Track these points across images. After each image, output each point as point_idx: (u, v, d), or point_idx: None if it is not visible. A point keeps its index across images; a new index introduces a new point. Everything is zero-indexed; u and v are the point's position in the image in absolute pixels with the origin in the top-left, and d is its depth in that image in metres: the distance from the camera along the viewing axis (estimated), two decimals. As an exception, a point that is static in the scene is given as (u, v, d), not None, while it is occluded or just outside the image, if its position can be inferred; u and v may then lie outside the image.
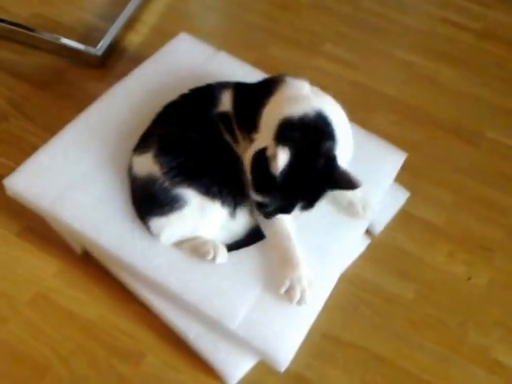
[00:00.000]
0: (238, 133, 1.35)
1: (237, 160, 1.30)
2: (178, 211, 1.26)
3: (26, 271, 1.43)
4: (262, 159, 1.20)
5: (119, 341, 1.33)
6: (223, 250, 1.27)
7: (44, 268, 1.43)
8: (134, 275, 1.31)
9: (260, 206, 1.25)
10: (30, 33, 1.97)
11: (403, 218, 1.59)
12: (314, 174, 1.18)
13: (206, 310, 1.23)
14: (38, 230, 1.48)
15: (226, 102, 1.39)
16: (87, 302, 1.38)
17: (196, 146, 1.31)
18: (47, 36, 1.97)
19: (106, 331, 1.34)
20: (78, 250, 1.45)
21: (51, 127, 1.48)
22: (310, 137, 1.20)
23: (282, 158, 1.14)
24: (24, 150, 1.54)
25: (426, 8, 2.35)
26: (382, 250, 1.54)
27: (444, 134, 1.86)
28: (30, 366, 1.28)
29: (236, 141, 1.35)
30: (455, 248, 1.57)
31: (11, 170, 1.37)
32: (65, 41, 1.95)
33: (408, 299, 1.46)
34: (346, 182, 1.20)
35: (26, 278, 1.41)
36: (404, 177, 1.55)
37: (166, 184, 1.26)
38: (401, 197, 1.61)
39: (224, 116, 1.36)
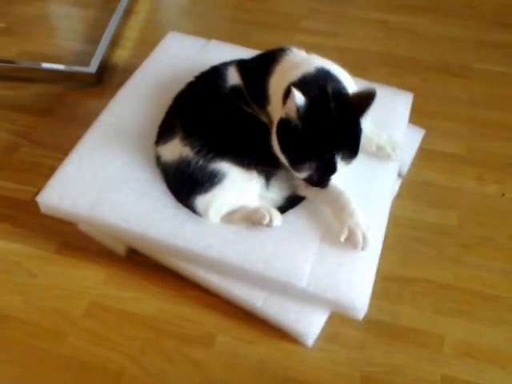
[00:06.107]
0: (253, 106, 1.23)
1: (261, 129, 1.18)
2: (220, 184, 1.13)
3: (74, 285, 1.25)
4: (284, 128, 1.07)
5: (185, 328, 1.17)
6: (277, 213, 1.14)
7: (92, 277, 1.26)
8: (189, 259, 1.17)
9: (308, 181, 1.11)
10: (22, 65, 1.81)
11: (425, 154, 1.48)
12: (333, 115, 1.04)
13: (271, 275, 1.09)
14: (76, 242, 1.31)
15: (234, 77, 1.27)
16: (143, 299, 1.22)
17: (220, 122, 1.18)
18: (39, 66, 1.80)
19: (169, 322, 1.18)
20: (121, 251, 1.28)
21: (63, 148, 1.33)
22: (316, 86, 1.08)
23: (296, 96, 1.01)
24: (42, 173, 1.35)
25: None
26: (414, 188, 1.42)
27: (436, 74, 1.78)
28: (102, 374, 1.10)
29: (254, 112, 1.22)
30: (482, 171, 1.47)
31: (35, 193, 1.21)
32: (57, 67, 1.79)
33: (453, 226, 1.34)
34: (365, 99, 1.06)
35: (76, 291, 1.23)
36: (413, 117, 1.44)
37: (201, 162, 1.13)
38: (417, 135, 1.49)
39: (237, 89, 1.24)
